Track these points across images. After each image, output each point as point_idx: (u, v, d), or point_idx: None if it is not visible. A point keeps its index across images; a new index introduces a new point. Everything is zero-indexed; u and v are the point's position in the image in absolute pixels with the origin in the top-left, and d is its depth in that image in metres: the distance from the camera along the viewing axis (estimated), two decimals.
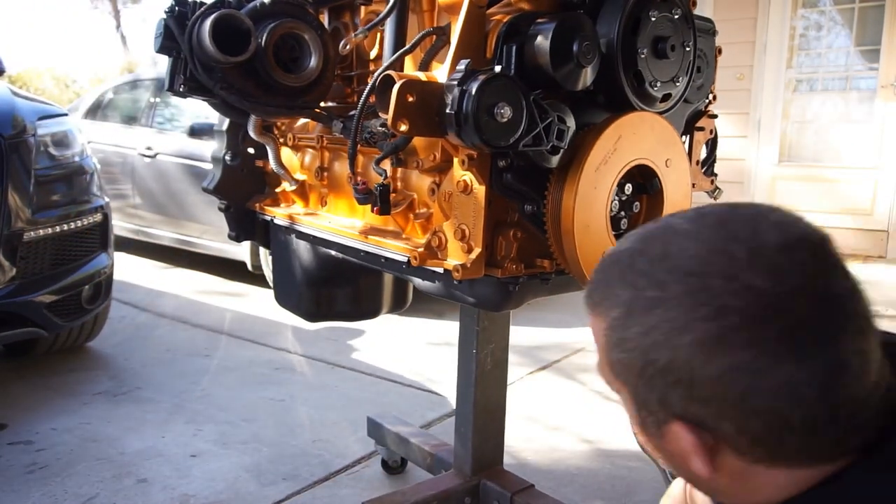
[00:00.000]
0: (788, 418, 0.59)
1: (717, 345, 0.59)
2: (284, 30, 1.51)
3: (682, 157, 1.31)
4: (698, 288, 0.60)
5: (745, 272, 0.59)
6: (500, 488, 1.79)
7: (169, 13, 1.50)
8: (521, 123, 1.09)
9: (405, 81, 1.12)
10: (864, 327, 0.61)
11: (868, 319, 0.62)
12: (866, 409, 0.61)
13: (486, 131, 1.07)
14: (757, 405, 0.59)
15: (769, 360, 0.58)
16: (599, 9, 1.20)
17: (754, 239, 0.60)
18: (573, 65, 1.13)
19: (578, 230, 1.17)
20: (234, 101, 1.51)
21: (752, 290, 0.58)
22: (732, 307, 0.58)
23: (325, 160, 1.72)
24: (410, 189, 1.43)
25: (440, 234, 1.29)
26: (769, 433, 0.61)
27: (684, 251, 0.62)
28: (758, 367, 0.58)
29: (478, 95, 1.06)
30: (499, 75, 1.08)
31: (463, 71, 1.10)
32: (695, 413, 0.62)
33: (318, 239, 1.70)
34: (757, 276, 0.58)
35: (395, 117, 1.12)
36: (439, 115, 1.13)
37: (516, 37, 1.16)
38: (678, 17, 1.23)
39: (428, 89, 1.14)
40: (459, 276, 1.21)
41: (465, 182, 1.22)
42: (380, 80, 1.20)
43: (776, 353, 0.58)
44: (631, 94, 1.21)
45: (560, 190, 1.18)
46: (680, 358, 0.60)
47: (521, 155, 1.17)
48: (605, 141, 1.18)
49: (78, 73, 15.93)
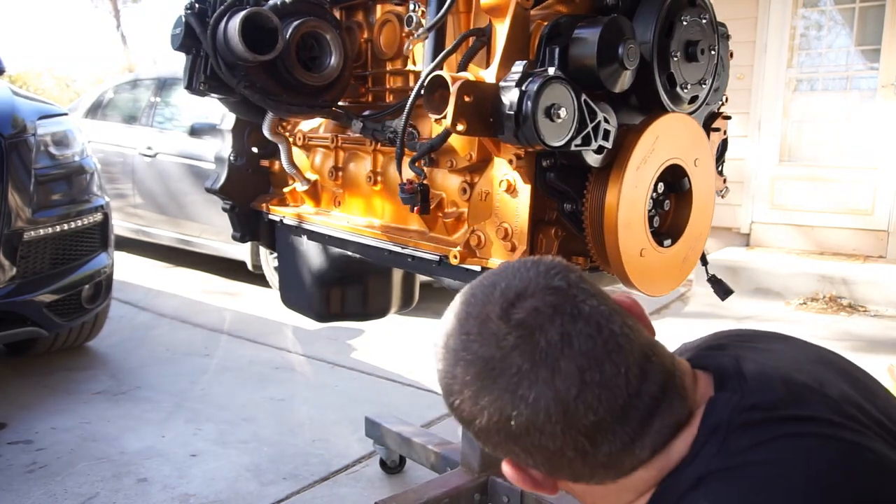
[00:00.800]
0: (553, 450, 0.70)
1: (476, 403, 0.71)
2: (308, 28, 1.51)
3: (709, 156, 1.35)
4: (452, 361, 0.72)
5: (475, 343, 0.71)
6: (509, 484, 1.79)
7: (189, 10, 1.49)
8: (572, 124, 1.12)
9: (464, 82, 1.13)
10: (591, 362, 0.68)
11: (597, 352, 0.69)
12: (632, 423, 0.70)
13: (544, 131, 1.09)
14: (525, 444, 0.71)
15: (510, 410, 0.69)
16: (633, 12, 1.23)
17: (482, 312, 0.72)
18: (617, 66, 1.16)
19: (621, 228, 1.20)
20: (257, 99, 1.50)
21: (482, 358, 0.70)
22: (473, 373, 0.70)
23: (340, 160, 1.72)
24: (438, 188, 1.44)
25: (479, 233, 1.31)
26: (553, 463, 0.72)
27: (450, 328, 0.75)
28: (506, 416, 0.69)
29: (537, 96, 1.08)
30: (555, 77, 1.10)
31: (520, 72, 1.12)
32: (504, 454, 0.75)
33: (335, 239, 1.70)
34: (483, 346, 0.70)
35: (455, 118, 1.13)
36: (493, 115, 1.15)
37: (559, 38, 1.18)
38: (706, 22, 1.27)
39: (482, 90, 1.15)
40: None
41: (508, 181, 1.24)
42: (429, 80, 1.20)
43: (512, 402, 0.69)
44: (664, 95, 1.25)
45: (602, 189, 1.21)
46: (463, 416, 0.73)
47: (564, 154, 1.19)
48: (645, 141, 1.21)
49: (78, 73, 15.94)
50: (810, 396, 0.72)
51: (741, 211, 5.40)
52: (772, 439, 0.68)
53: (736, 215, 5.38)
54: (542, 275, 0.72)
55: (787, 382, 0.73)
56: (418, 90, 1.25)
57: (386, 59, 1.64)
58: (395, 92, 1.64)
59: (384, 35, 1.63)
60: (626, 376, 0.69)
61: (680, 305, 4.55)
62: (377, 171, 1.61)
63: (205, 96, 1.59)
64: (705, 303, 4.41)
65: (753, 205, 5.40)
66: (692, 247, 1.35)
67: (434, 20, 1.32)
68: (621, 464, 0.72)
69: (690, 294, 4.73)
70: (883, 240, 4.98)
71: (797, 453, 0.67)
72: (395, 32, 1.60)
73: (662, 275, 1.30)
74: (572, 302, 0.70)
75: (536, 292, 0.70)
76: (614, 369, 0.69)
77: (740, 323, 3.98)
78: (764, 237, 5.39)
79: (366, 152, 1.64)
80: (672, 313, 4.36)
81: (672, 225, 1.34)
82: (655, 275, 1.28)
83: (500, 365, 0.69)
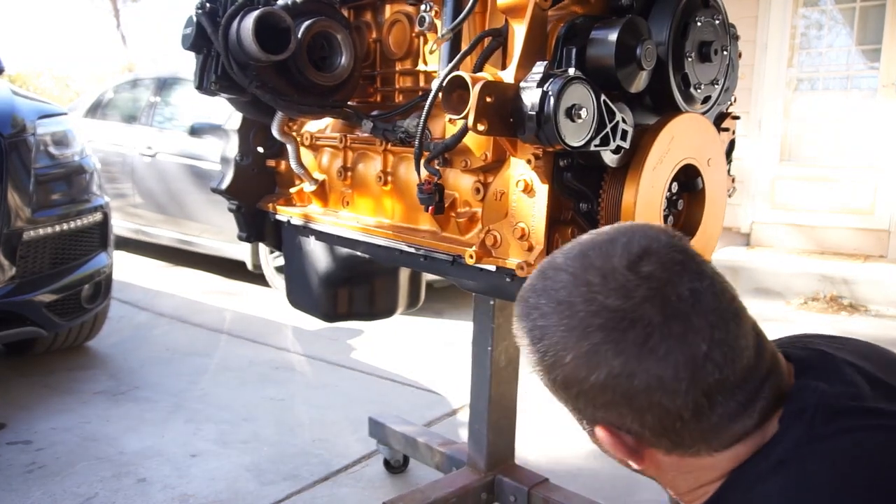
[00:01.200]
0: (670, 409, 0.69)
1: (592, 358, 0.69)
2: (319, 28, 1.50)
3: (722, 156, 1.36)
4: (568, 314, 0.71)
5: (600, 295, 0.69)
6: (516, 483, 1.80)
7: (200, 10, 1.48)
8: (592, 124, 1.12)
9: (486, 82, 1.14)
10: (719, 320, 0.69)
11: (723, 311, 0.70)
12: (749, 386, 0.70)
13: (565, 131, 1.09)
14: (641, 403, 0.69)
15: (635, 364, 0.68)
16: (648, 13, 1.23)
17: (606, 264, 0.71)
18: (635, 67, 1.17)
19: None
20: (268, 99, 1.50)
21: (607, 309, 0.69)
22: (595, 325, 0.69)
23: (349, 160, 1.72)
24: (450, 188, 1.44)
25: (494, 232, 1.31)
26: (663, 425, 0.71)
27: (558, 283, 0.73)
28: (629, 371, 0.68)
29: (559, 97, 1.08)
30: (576, 77, 1.11)
31: (541, 73, 1.13)
32: (603, 417, 0.74)
33: (345, 239, 1.69)
34: (609, 297, 0.69)
35: (477, 118, 1.13)
36: (513, 115, 1.15)
37: (575, 39, 1.18)
38: (719, 23, 1.28)
39: (503, 90, 1.16)
40: (524, 274, 1.23)
41: (525, 181, 1.24)
42: (448, 80, 1.20)
43: (639, 357, 0.68)
44: (678, 95, 1.26)
45: (619, 189, 1.22)
46: (571, 374, 0.71)
47: (581, 154, 1.20)
48: (661, 141, 1.21)
49: (78, 73, 15.92)
50: (891, 393, 0.74)
51: (741, 210, 5.39)
52: (858, 428, 0.69)
53: (736, 215, 5.38)
54: (662, 234, 0.73)
55: (870, 377, 0.75)
56: (437, 90, 1.24)
57: (395, 58, 1.64)
58: (404, 92, 1.64)
59: (394, 35, 1.63)
60: (746, 339, 0.70)
61: None
62: (387, 170, 1.60)
63: (215, 96, 1.58)
64: None
65: (754, 204, 5.40)
66: (705, 246, 1.36)
67: (458, 20, 1.32)
68: (727, 431, 0.71)
69: None
70: (884, 239, 4.98)
71: (881, 444, 0.68)
72: (405, 32, 1.59)
73: None
74: (695, 261, 0.71)
75: (661, 249, 0.71)
76: (737, 330, 0.70)
77: None
78: (764, 237, 5.38)
79: (376, 152, 1.63)
80: None
81: (685, 224, 1.34)
82: None
83: (630, 316, 0.68)
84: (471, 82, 1.14)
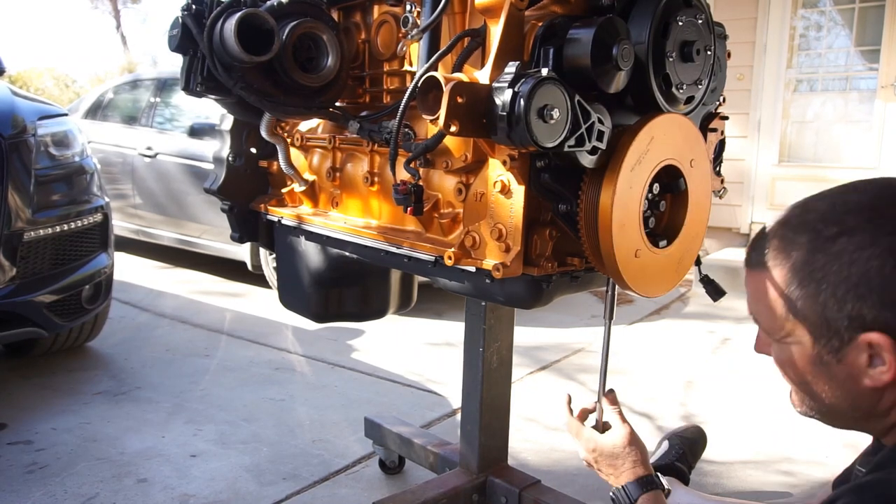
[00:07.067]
0: None
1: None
2: (304, 29, 1.51)
3: (705, 157, 1.35)
4: (876, 215, 0.76)
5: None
6: (507, 485, 1.80)
7: (186, 11, 1.48)
8: (566, 125, 1.12)
9: (457, 83, 1.13)
10: None
11: None
12: None
13: (537, 132, 1.09)
14: None
15: None
16: (629, 13, 1.23)
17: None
18: (612, 67, 1.16)
19: (615, 229, 1.19)
20: (253, 100, 1.50)
21: None
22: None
23: (338, 160, 1.72)
24: (434, 189, 1.44)
25: (473, 233, 1.31)
26: None
27: (850, 200, 0.78)
28: None
29: (530, 97, 1.08)
30: (548, 78, 1.10)
31: (513, 73, 1.12)
32: (886, 319, 0.75)
33: (333, 240, 1.70)
34: None
35: (447, 118, 1.13)
36: (486, 116, 1.15)
37: (553, 39, 1.18)
38: (701, 22, 1.27)
39: (475, 91, 1.15)
40: (500, 275, 1.23)
41: (502, 182, 1.23)
42: (423, 81, 1.20)
43: None
44: (659, 96, 1.25)
45: (596, 190, 1.21)
46: (872, 268, 0.74)
47: (558, 155, 1.19)
48: (640, 142, 1.20)
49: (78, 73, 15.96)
50: None
51: (741, 211, 5.40)
52: None
53: (736, 215, 5.38)
54: None
55: None
56: (412, 91, 1.24)
57: (383, 59, 1.64)
58: (392, 93, 1.64)
59: (381, 36, 1.63)
60: None
61: (680, 306, 4.55)
62: (374, 171, 1.61)
63: (202, 97, 1.59)
64: (705, 303, 4.40)
65: (753, 205, 5.40)
66: (688, 248, 1.35)
67: (428, 21, 1.32)
68: None
69: (690, 294, 4.74)
70: None
71: None
72: (392, 33, 1.60)
73: (658, 276, 1.30)
74: None
75: None
76: None
77: (740, 324, 3.98)
78: None
79: (363, 153, 1.64)
80: (672, 314, 4.37)
81: (668, 226, 1.33)
82: (651, 276, 1.28)
83: None
84: (443, 82, 1.14)
